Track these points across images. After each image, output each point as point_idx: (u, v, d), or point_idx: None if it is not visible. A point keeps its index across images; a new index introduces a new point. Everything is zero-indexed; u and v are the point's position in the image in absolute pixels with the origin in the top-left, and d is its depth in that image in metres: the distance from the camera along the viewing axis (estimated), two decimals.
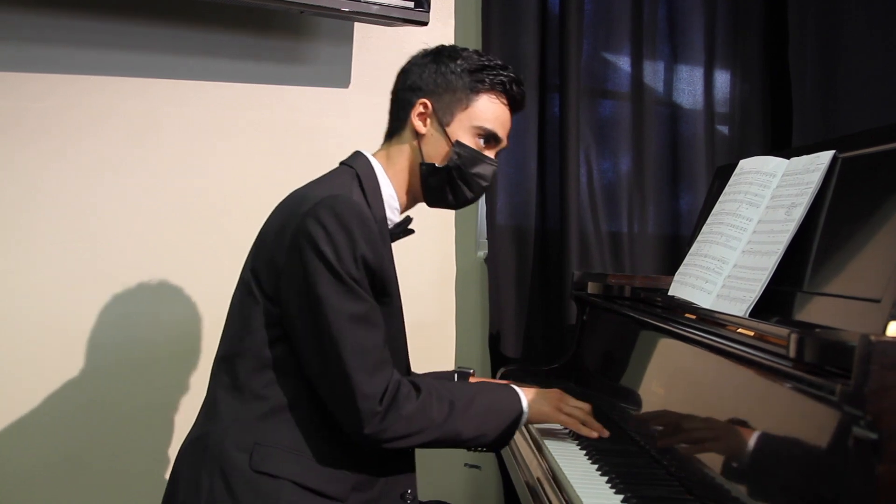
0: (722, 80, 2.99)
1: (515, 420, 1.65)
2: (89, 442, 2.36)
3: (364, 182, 1.64)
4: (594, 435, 1.72)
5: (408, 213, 1.77)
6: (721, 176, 2.04)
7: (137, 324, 2.42)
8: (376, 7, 2.41)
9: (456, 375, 1.98)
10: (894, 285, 1.22)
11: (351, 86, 2.67)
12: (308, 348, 1.51)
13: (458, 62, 1.70)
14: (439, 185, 1.71)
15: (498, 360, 2.72)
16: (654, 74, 2.90)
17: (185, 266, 2.45)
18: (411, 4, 2.47)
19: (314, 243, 1.47)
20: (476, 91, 1.69)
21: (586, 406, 1.77)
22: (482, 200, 2.77)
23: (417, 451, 1.67)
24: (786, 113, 2.83)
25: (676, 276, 1.95)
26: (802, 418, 1.15)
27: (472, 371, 2.01)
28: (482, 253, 2.83)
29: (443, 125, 1.68)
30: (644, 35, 2.86)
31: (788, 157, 1.74)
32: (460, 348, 2.83)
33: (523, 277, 2.79)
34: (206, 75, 2.50)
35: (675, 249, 2.83)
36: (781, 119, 2.90)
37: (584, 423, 1.73)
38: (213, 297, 2.32)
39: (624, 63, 2.87)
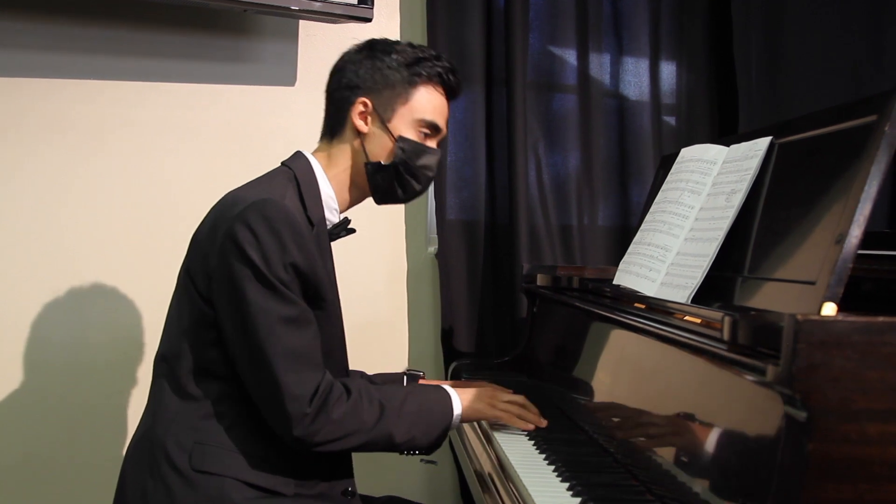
0: (668, 71, 3.00)
1: (448, 420, 1.64)
2: (43, 442, 2.34)
3: (302, 183, 1.62)
4: (531, 427, 1.73)
5: (351, 209, 1.76)
6: (665, 165, 2.05)
7: (91, 324, 2.40)
8: (319, 4, 2.39)
9: (405, 378, 1.96)
10: (829, 267, 1.23)
11: (297, 84, 2.65)
12: (238, 351, 1.50)
13: (394, 56, 1.68)
14: (387, 182, 1.70)
15: (451, 355, 2.72)
16: (600, 67, 2.91)
17: (133, 267, 2.43)
18: (355, 1, 2.46)
19: (241, 248, 1.45)
20: (414, 84, 1.67)
21: (520, 398, 1.78)
22: (431, 196, 2.78)
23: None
24: (732, 102, 2.86)
25: (621, 265, 1.96)
26: (739, 400, 1.16)
27: (422, 373, 1.99)
28: (433, 249, 2.83)
29: (384, 122, 1.66)
30: (590, 28, 2.87)
31: (729, 145, 1.76)
32: (413, 344, 2.83)
33: (474, 272, 2.78)
34: (150, 76, 2.48)
35: (625, 240, 2.78)
36: (728, 108, 2.93)
37: (519, 417, 1.74)
38: (164, 298, 2.29)
39: (570, 56, 2.88)
